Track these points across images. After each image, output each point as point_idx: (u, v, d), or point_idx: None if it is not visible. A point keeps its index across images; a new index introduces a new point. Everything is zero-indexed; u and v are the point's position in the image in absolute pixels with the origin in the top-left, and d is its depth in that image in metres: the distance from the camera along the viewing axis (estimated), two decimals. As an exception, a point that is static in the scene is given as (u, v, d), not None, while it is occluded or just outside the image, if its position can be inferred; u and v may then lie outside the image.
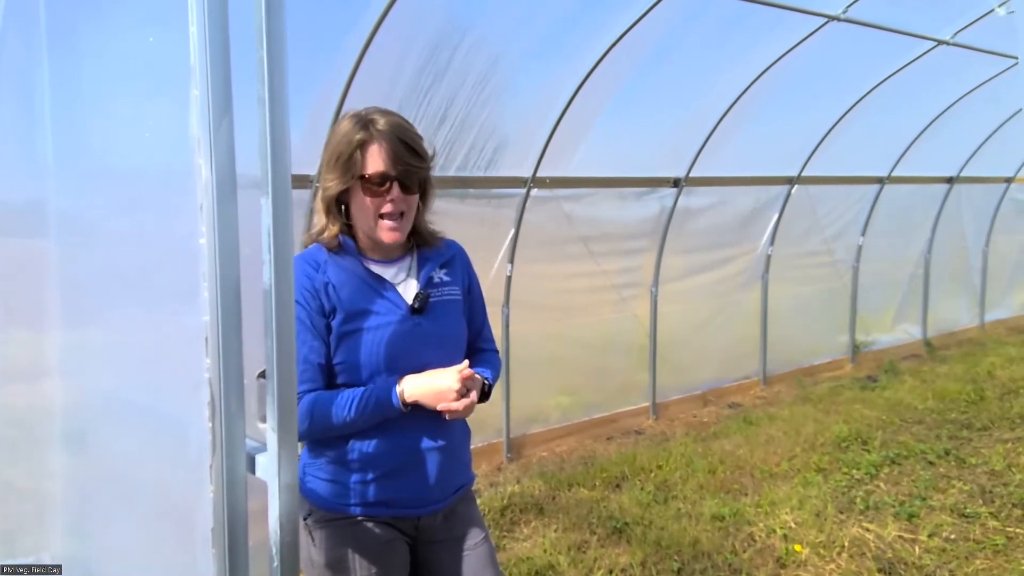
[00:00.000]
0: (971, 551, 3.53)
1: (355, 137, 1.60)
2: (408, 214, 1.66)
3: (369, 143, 1.60)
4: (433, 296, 1.73)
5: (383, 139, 1.59)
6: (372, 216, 1.63)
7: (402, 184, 1.61)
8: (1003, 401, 5.87)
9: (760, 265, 6.28)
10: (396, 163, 1.59)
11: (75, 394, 1.51)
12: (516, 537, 3.73)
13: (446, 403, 1.60)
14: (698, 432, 5.30)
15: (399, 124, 1.62)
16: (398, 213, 1.63)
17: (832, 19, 4.55)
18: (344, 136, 1.62)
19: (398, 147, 1.59)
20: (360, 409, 1.60)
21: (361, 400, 1.60)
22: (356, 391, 1.62)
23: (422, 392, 1.61)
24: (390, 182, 1.60)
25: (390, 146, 1.59)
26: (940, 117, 6.39)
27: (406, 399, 1.61)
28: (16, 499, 1.61)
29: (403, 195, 1.62)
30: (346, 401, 1.60)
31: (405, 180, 1.61)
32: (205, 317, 0.98)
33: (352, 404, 1.60)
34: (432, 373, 1.64)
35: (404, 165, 1.60)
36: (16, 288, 1.59)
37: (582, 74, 4.25)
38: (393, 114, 1.65)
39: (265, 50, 0.98)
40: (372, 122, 1.61)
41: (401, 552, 1.74)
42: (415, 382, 1.62)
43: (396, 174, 1.60)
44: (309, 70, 3.64)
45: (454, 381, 1.61)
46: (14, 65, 1.47)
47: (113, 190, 1.34)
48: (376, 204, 1.62)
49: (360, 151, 1.60)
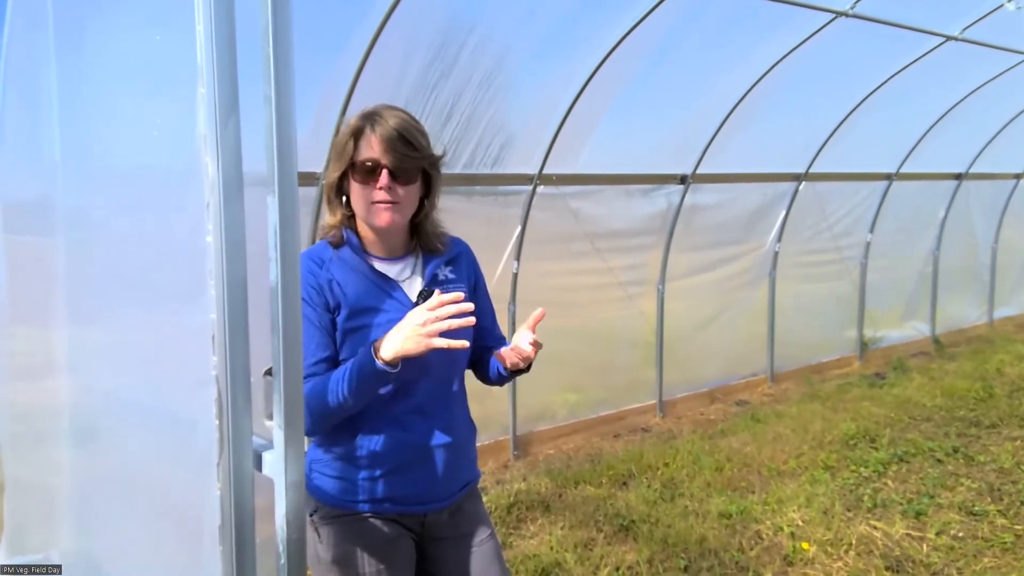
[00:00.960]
0: (979, 549, 3.51)
1: (354, 126, 1.63)
2: (404, 204, 1.66)
3: (364, 131, 1.62)
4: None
5: (378, 129, 1.61)
6: (366, 203, 1.64)
7: (392, 172, 1.61)
8: (1012, 399, 5.84)
9: (767, 262, 6.26)
10: (387, 151, 1.60)
11: (82, 391, 1.52)
12: (522, 534, 3.74)
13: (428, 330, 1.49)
14: (705, 430, 5.29)
15: (399, 116, 1.63)
16: (389, 200, 1.62)
17: (840, 15, 4.53)
18: (347, 127, 1.66)
19: (391, 136, 1.59)
20: (350, 383, 1.55)
21: (347, 375, 1.56)
22: (341, 369, 1.58)
23: (395, 339, 1.52)
24: (380, 169, 1.60)
25: (383, 135, 1.60)
26: (949, 113, 6.35)
27: (381, 354, 1.52)
28: (24, 496, 1.61)
29: (393, 183, 1.61)
30: (336, 382, 1.57)
31: (394, 168, 1.61)
32: (212, 315, 0.98)
33: (342, 381, 1.56)
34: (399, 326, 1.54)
35: (394, 153, 1.60)
36: (24, 286, 1.60)
37: (588, 71, 4.24)
38: (399, 109, 1.66)
39: (271, 48, 0.98)
40: (374, 114, 1.64)
41: (407, 549, 1.74)
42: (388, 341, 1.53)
43: (385, 162, 1.60)
44: (315, 68, 3.65)
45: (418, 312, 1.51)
46: (21, 64, 1.48)
47: (120, 188, 1.34)
48: (367, 191, 1.62)
49: (354, 139, 1.62)
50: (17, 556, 1.56)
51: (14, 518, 1.62)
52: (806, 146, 5.93)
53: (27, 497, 1.62)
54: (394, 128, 1.60)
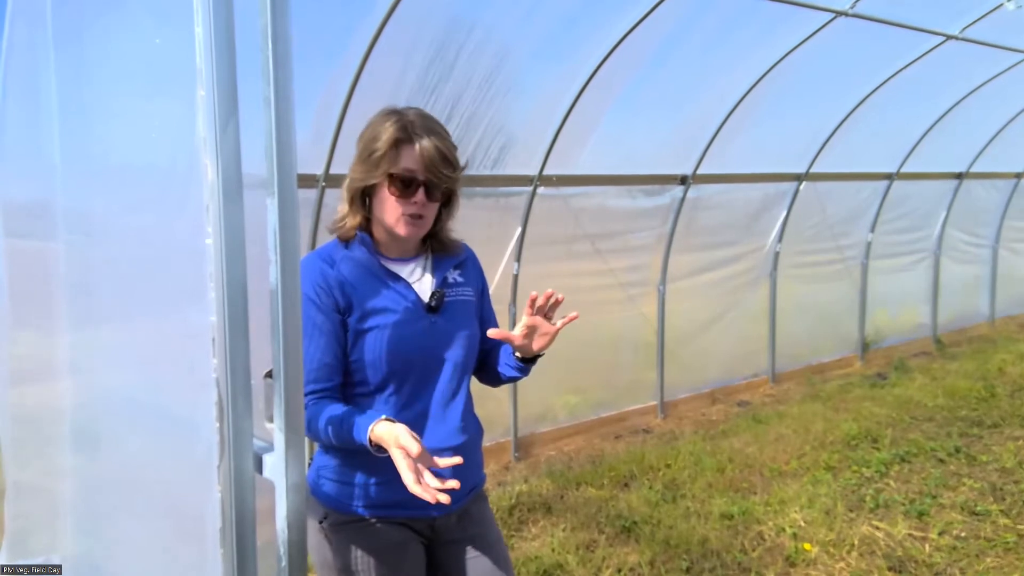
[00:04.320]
0: (982, 549, 3.51)
1: (393, 135, 1.59)
2: (428, 218, 1.66)
3: (404, 143, 1.60)
4: (448, 295, 1.74)
5: (420, 142, 1.59)
6: (395, 214, 1.63)
7: (428, 190, 1.61)
8: (1014, 398, 5.84)
9: (768, 262, 6.26)
10: (427, 168, 1.59)
11: (83, 394, 1.51)
12: (524, 536, 3.73)
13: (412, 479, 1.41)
14: (707, 430, 5.29)
15: (437, 132, 1.62)
16: (418, 215, 1.63)
17: (840, 14, 4.53)
18: (382, 132, 1.61)
19: (433, 153, 1.59)
20: (338, 433, 1.54)
21: (339, 424, 1.54)
22: (338, 413, 1.55)
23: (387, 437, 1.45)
24: (417, 185, 1.60)
25: (426, 151, 1.58)
26: (949, 112, 6.35)
27: (373, 439, 1.47)
28: (26, 498, 1.61)
29: (427, 200, 1.62)
30: (327, 421, 1.55)
31: (432, 186, 1.61)
32: (212, 317, 0.98)
33: (332, 425, 1.54)
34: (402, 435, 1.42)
35: (435, 172, 1.60)
36: (25, 288, 1.60)
37: (588, 71, 4.24)
38: (432, 119, 1.65)
39: (271, 50, 0.98)
40: (412, 124, 1.61)
41: (416, 553, 1.74)
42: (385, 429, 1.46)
43: (424, 179, 1.60)
44: (315, 70, 3.65)
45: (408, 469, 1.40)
46: (21, 66, 1.48)
47: (120, 190, 1.34)
48: (400, 203, 1.61)
49: (395, 149, 1.60)
50: (18, 559, 1.55)
51: (15, 522, 1.61)
52: (806, 146, 5.93)
53: (28, 500, 1.62)
54: (436, 147, 1.59)
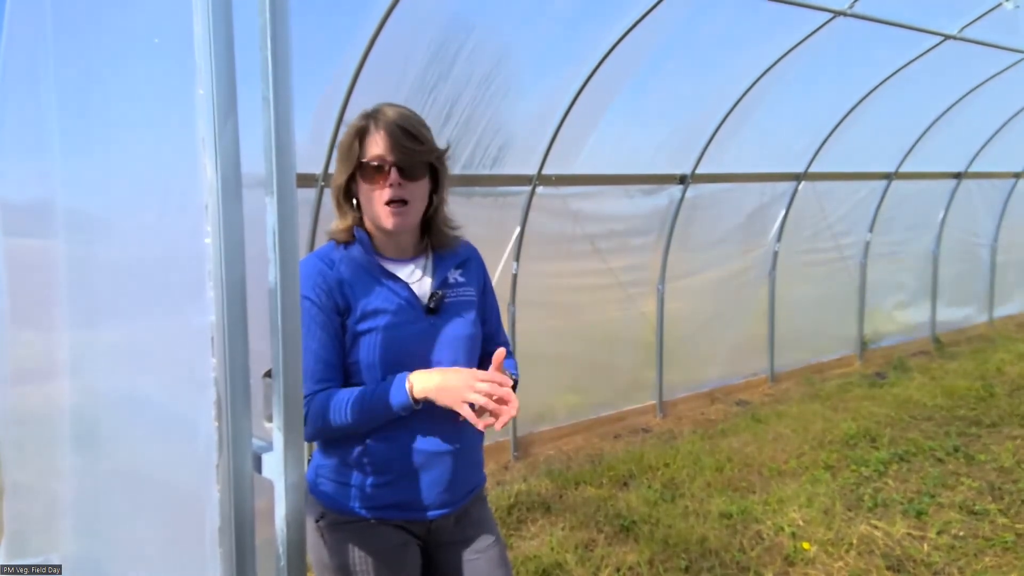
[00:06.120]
0: (980, 548, 3.51)
1: (357, 126, 1.63)
2: (413, 203, 1.64)
3: (368, 130, 1.61)
4: (448, 296, 1.72)
5: (381, 126, 1.60)
6: (376, 204, 1.62)
7: (400, 169, 1.60)
8: (1012, 398, 5.84)
9: (767, 262, 6.26)
10: (393, 148, 1.59)
11: (82, 394, 1.51)
12: (523, 535, 3.74)
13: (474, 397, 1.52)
14: (706, 430, 5.29)
15: (401, 113, 1.63)
16: (400, 199, 1.61)
17: (839, 14, 4.53)
18: (349, 127, 1.64)
19: (395, 132, 1.59)
20: (361, 406, 1.57)
21: (357, 399, 1.57)
22: (354, 392, 1.59)
23: (430, 383, 1.57)
24: (388, 167, 1.59)
25: (387, 131, 1.59)
26: (948, 112, 6.35)
27: (416, 395, 1.56)
28: (24, 499, 1.61)
29: (402, 180, 1.60)
30: (342, 404, 1.57)
31: (403, 164, 1.60)
32: (211, 317, 0.98)
33: (349, 404, 1.57)
34: (445, 371, 1.61)
35: (401, 150, 1.59)
36: (25, 288, 1.60)
37: (587, 71, 4.24)
38: (399, 106, 1.66)
39: (270, 49, 0.98)
40: (375, 112, 1.63)
41: (413, 555, 1.73)
42: (426, 378, 1.58)
43: (393, 158, 1.59)
44: (314, 69, 3.65)
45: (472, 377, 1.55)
46: (21, 65, 1.48)
47: (119, 190, 1.34)
48: (377, 190, 1.61)
49: (359, 138, 1.62)
50: (17, 559, 1.55)
51: (15, 521, 1.62)
52: (805, 146, 5.94)
53: (27, 500, 1.62)
54: (396, 123, 1.60)
